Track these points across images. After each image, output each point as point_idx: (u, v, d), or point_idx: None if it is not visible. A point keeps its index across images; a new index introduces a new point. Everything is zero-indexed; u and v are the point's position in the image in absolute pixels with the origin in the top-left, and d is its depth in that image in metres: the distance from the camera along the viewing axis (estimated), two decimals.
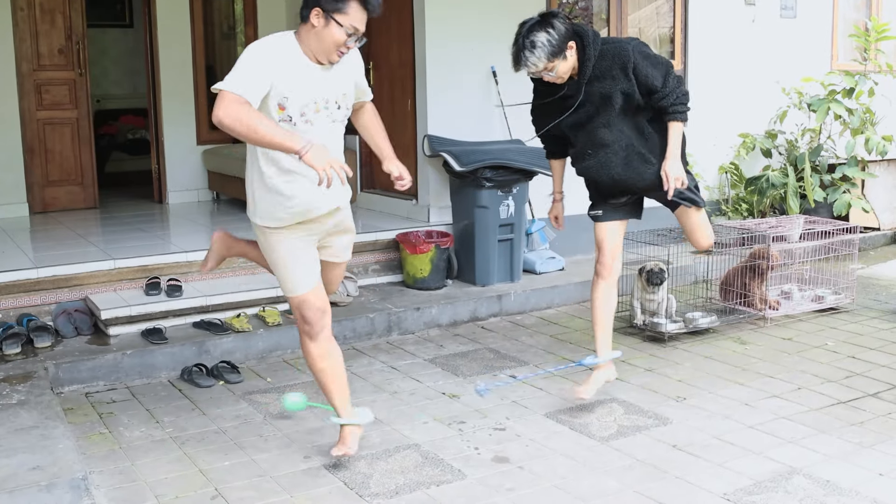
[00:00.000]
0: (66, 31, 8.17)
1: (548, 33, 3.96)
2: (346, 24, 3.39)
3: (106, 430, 4.26)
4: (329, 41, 3.42)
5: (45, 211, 8.14)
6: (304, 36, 3.48)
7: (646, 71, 4.11)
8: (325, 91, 3.53)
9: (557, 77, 4.08)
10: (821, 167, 8.50)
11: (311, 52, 3.48)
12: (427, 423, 4.33)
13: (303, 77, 3.47)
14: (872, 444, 4.00)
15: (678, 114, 4.18)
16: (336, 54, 3.47)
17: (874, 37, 8.70)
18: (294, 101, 3.45)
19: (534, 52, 3.95)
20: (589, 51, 4.08)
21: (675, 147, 4.22)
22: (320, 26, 3.40)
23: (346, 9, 3.38)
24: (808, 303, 6.28)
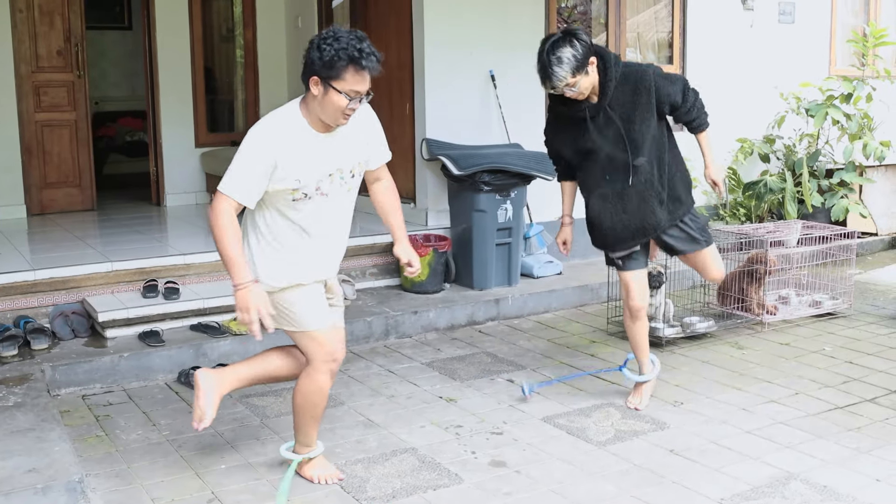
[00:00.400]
0: (64, 33, 8.17)
1: (572, 47, 4.00)
2: (345, 89, 3.32)
3: (102, 433, 4.25)
4: (331, 108, 3.36)
5: (43, 213, 8.13)
6: (309, 104, 3.42)
7: (666, 90, 4.23)
8: (338, 161, 3.51)
9: (579, 93, 4.10)
10: (819, 172, 8.51)
11: (317, 122, 3.43)
12: (424, 426, 4.33)
13: (313, 154, 3.42)
14: (870, 450, 4.00)
15: (703, 124, 4.38)
16: (342, 118, 3.41)
17: (872, 42, 8.71)
18: (308, 180, 3.41)
19: (561, 67, 3.99)
20: (611, 72, 4.14)
21: (714, 153, 4.44)
22: (320, 94, 3.35)
23: (341, 74, 3.30)
24: (805, 308, 6.28)
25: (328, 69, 3.29)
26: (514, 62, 7.16)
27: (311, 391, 3.63)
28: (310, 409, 3.66)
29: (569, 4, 7.99)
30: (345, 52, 3.27)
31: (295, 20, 9.03)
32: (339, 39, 3.29)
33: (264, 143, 3.37)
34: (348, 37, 3.30)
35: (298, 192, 3.42)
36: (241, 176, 3.36)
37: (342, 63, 3.27)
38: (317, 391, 3.63)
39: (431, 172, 6.99)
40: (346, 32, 3.33)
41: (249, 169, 3.35)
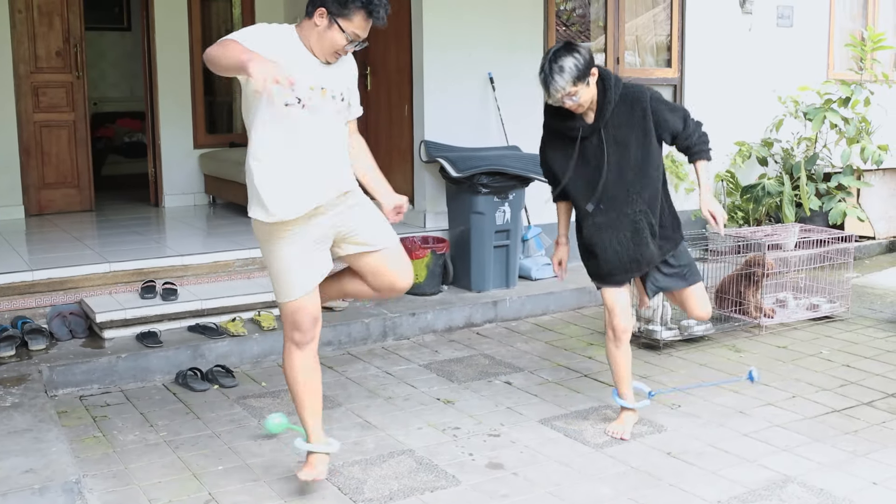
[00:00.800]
0: (63, 34, 8.17)
1: (574, 58, 3.94)
2: (349, 30, 3.37)
3: (100, 434, 4.25)
4: (328, 43, 3.40)
5: (41, 213, 8.13)
6: (305, 30, 3.45)
7: (664, 116, 4.11)
8: (327, 80, 3.47)
9: (578, 106, 4.01)
10: (816, 176, 8.51)
11: (309, 46, 3.45)
12: (422, 428, 4.33)
13: (304, 63, 3.42)
14: (867, 453, 4.00)
15: (703, 152, 4.19)
16: (332, 56, 3.45)
17: (870, 46, 8.72)
18: (299, 83, 3.32)
19: (562, 76, 3.92)
20: (610, 93, 4.06)
21: (710, 183, 4.35)
22: (322, 27, 3.38)
23: (351, 16, 3.35)
24: (803, 311, 6.29)
25: (340, 6, 3.34)
26: (513, 65, 7.17)
27: (284, 364, 3.62)
28: (288, 386, 3.63)
29: (567, 7, 8.00)
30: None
31: (293, 22, 9.02)
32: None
33: (264, 29, 3.43)
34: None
35: (292, 95, 3.33)
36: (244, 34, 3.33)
37: (356, 5, 3.33)
38: (286, 364, 3.60)
39: (430, 174, 6.99)
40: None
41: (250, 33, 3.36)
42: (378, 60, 7.63)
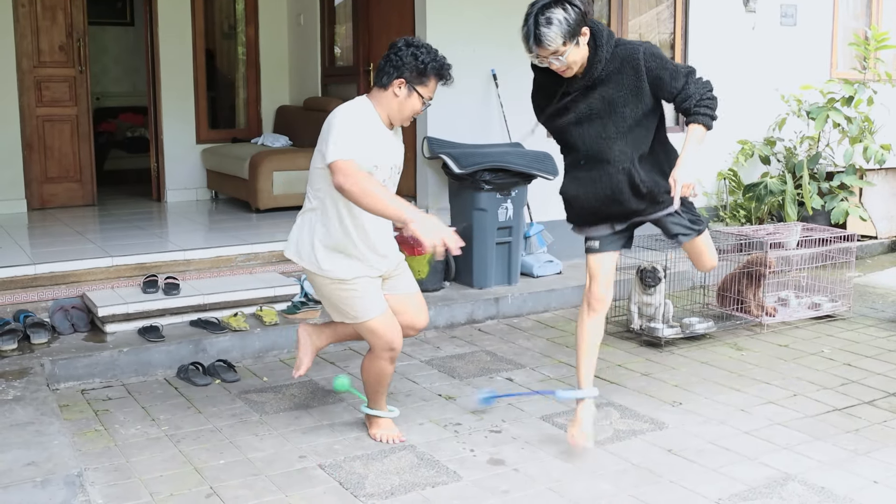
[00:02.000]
0: (66, 28, 8.17)
1: (565, 10, 3.60)
2: (426, 95, 3.74)
3: (101, 427, 4.26)
4: (409, 110, 3.74)
5: (44, 207, 8.14)
6: (381, 102, 3.73)
7: (659, 73, 3.78)
8: (396, 156, 3.84)
9: (565, 66, 3.72)
10: (819, 175, 8.51)
11: (386, 118, 3.73)
12: (423, 424, 4.33)
13: (386, 145, 3.73)
14: (868, 452, 4.00)
15: (699, 115, 3.72)
16: (408, 120, 3.81)
17: (874, 45, 8.71)
18: (382, 167, 3.70)
19: (550, 28, 3.59)
20: (601, 52, 3.75)
21: (691, 153, 3.71)
22: (402, 96, 3.70)
23: (427, 82, 3.72)
24: (804, 310, 6.29)
25: (419, 75, 3.69)
26: (516, 61, 7.10)
27: (373, 371, 4.00)
28: (373, 384, 4.05)
29: None
30: (434, 64, 3.72)
31: (297, 18, 9.03)
32: (429, 50, 3.73)
33: (355, 118, 3.65)
34: (432, 49, 3.77)
35: (375, 177, 3.63)
36: (345, 141, 3.54)
37: (432, 72, 3.72)
38: (379, 372, 3.99)
39: (432, 171, 6.99)
40: (426, 44, 3.78)
41: (348, 134, 3.56)
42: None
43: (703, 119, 3.73)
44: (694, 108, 3.74)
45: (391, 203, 3.47)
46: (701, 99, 3.74)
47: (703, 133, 3.74)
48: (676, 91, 3.77)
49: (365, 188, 3.47)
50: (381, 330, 3.87)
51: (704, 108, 3.73)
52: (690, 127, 3.75)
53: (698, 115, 3.73)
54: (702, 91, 3.75)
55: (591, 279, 4.12)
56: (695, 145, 3.73)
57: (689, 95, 3.75)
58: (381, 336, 3.88)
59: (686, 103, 3.75)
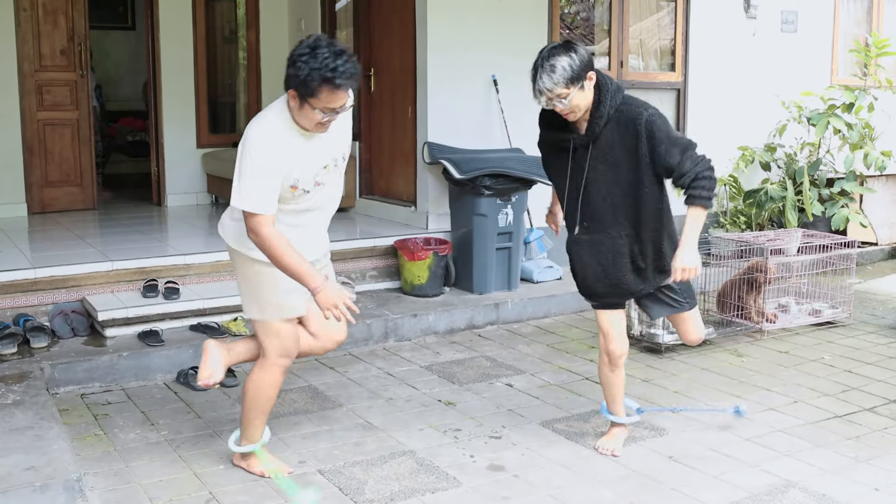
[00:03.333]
0: (68, 33, 8.18)
1: (570, 58, 3.66)
2: (319, 106, 3.35)
3: (101, 432, 4.25)
4: (307, 120, 3.42)
5: (44, 211, 8.13)
6: (291, 108, 3.46)
7: (658, 146, 3.70)
8: (331, 152, 3.59)
9: (570, 110, 3.73)
10: (819, 181, 8.51)
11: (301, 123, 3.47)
12: (423, 429, 4.33)
13: (307, 155, 3.49)
14: (868, 459, 4.00)
15: (696, 197, 3.68)
16: (320, 129, 3.47)
17: (874, 52, 8.71)
18: (305, 177, 3.49)
19: (552, 76, 3.65)
20: (603, 107, 3.74)
21: (693, 234, 3.71)
22: (296, 107, 3.40)
23: (317, 93, 3.31)
24: (805, 316, 6.29)
25: (304, 87, 3.31)
26: (517, 67, 7.14)
27: (259, 383, 3.73)
28: (262, 401, 3.75)
29: (571, 10, 8.01)
30: (318, 73, 3.27)
31: (298, 23, 9.04)
32: (315, 56, 3.28)
33: (268, 156, 3.40)
34: (324, 53, 3.28)
35: (298, 189, 3.50)
36: (260, 191, 3.38)
37: (315, 83, 3.28)
38: (271, 384, 3.74)
39: (433, 176, 6.99)
40: (324, 45, 3.31)
41: (264, 183, 3.39)
42: (382, 62, 7.64)
43: (699, 201, 3.69)
44: (690, 189, 3.69)
45: (298, 269, 3.40)
46: (696, 178, 3.67)
47: (702, 215, 3.72)
48: (672, 165, 3.71)
49: (272, 245, 3.39)
50: (284, 333, 3.69)
51: (700, 189, 3.68)
52: (689, 210, 3.72)
53: (694, 197, 3.69)
54: (698, 169, 3.68)
55: (605, 337, 4.06)
56: (695, 229, 3.72)
57: (685, 173, 3.69)
58: (282, 340, 3.69)
59: (682, 181, 3.71)
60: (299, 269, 3.40)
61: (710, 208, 3.73)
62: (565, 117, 3.81)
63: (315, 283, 3.40)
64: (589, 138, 3.80)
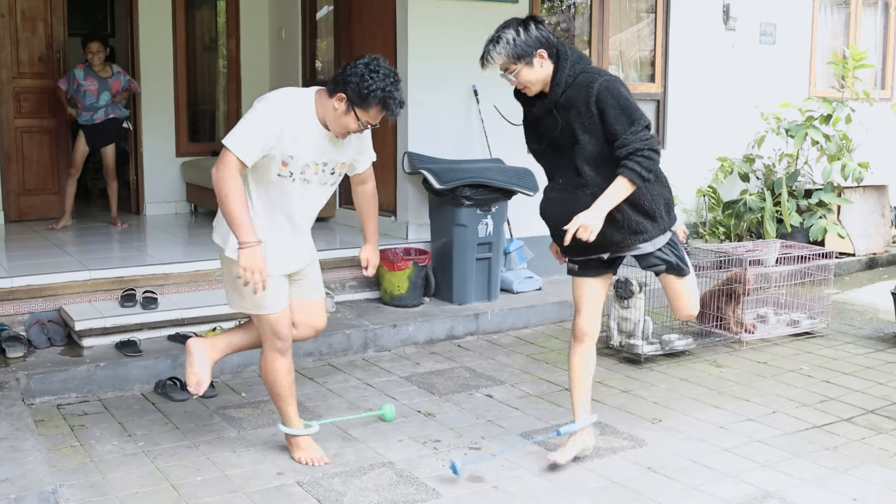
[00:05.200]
0: (46, 40, 8.14)
1: (517, 32, 3.69)
2: (364, 119, 3.64)
3: (77, 443, 4.21)
4: (342, 125, 3.65)
5: (21, 219, 8.07)
6: (323, 104, 3.67)
7: (607, 112, 3.66)
8: (328, 155, 3.77)
9: (521, 85, 3.79)
10: (797, 192, 8.57)
11: (322, 120, 3.68)
12: (402, 441, 4.31)
13: (311, 141, 3.67)
14: (847, 469, 4.01)
15: (627, 169, 3.61)
16: (343, 135, 3.72)
17: (852, 64, 8.80)
18: (298, 161, 3.67)
19: (495, 47, 3.71)
20: (562, 74, 3.72)
21: (607, 201, 3.64)
22: (340, 111, 3.62)
23: (369, 108, 3.60)
24: (783, 327, 6.32)
25: (360, 99, 3.57)
26: (497, 78, 7.10)
27: (266, 370, 3.96)
28: (269, 386, 3.99)
29: (552, 21, 8.03)
30: (382, 93, 3.57)
31: (279, 32, 9.02)
32: (382, 77, 3.58)
33: (278, 109, 3.62)
34: (388, 78, 3.60)
35: (286, 168, 3.65)
36: (249, 135, 3.57)
37: (374, 100, 3.58)
38: (270, 370, 3.94)
39: (413, 186, 6.99)
40: (388, 70, 3.62)
41: (258, 129, 3.58)
42: None
43: (630, 174, 3.62)
44: (624, 160, 3.63)
45: (238, 217, 3.54)
46: (636, 151, 3.61)
47: (626, 187, 3.65)
48: (615, 133, 3.66)
49: (227, 187, 3.52)
50: (275, 320, 3.85)
51: (635, 164, 3.61)
52: (617, 178, 3.64)
53: (626, 168, 3.62)
54: (639, 146, 3.61)
55: (576, 312, 4.04)
56: (612, 197, 3.65)
57: (626, 144, 3.63)
58: (274, 326, 3.86)
59: (620, 151, 3.64)
60: (240, 219, 3.54)
61: (636, 185, 3.65)
62: (522, 91, 3.87)
63: (246, 239, 3.54)
64: (549, 105, 3.79)
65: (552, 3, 8.02)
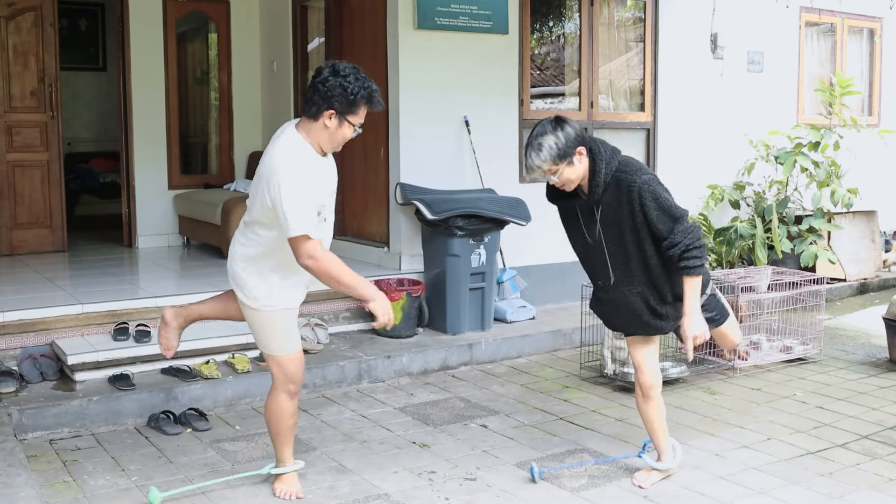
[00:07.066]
0: (38, 74, 8.17)
1: (556, 136, 3.82)
2: (356, 123, 3.69)
3: (70, 478, 4.19)
4: (339, 138, 3.70)
5: (13, 254, 8.06)
6: (312, 132, 3.68)
7: (650, 214, 3.85)
8: (333, 179, 3.83)
9: (563, 183, 3.90)
10: (788, 219, 8.62)
11: (318, 146, 3.70)
12: (397, 472, 4.30)
13: (324, 177, 3.72)
14: (841, 495, 4.01)
15: (686, 269, 3.88)
16: (339, 146, 3.76)
17: (839, 91, 8.88)
18: (325, 202, 3.73)
19: (539, 154, 3.82)
20: (599, 177, 3.88)
21: (694, 302, 3.94)
22: (333, 127, 3.65)
23: (357, 111, 3.66)
24: (776, 353, 6.33)
25: (349, 105, 3.61)
26: (489, 108, 7.22)
27: (272, 409, 3.95)
28: (271, 425, 3.98)
29: (542, 52, 8.10)
30: (365, 91, 3.63)
31: (270, 64, 9.08)
32: (356, 78, 3.62)
33: (304, 171, 3.59)
34: (359, 74, 3.65)
35: (321, 215, 3.69)
36: (305, 214, 3.56)
37: (361, 101, 3.64)
38: (277, 409, 3.93)
39: (405, 217, 7.00)
40: (353, 69, 3.65)
41: (306, 205, 3.57)
42: None
43: (689, 271, 3.88)
44: (682, 261, 3.86)
45: (356, 282, 3.65)
46: (687, 250, 3.84)
47: (698, 282, 3.93)
48: (662, 235, 3.87)
49: (332, 272, 3.60)
50: (287, 361, 3.89)
51: (692, 260, 3.85)
52: (685, 280, 3.92)
53: (685, 268, 3.87)
54: (688, 241, 3.84)
55: (637, 369, 4.22)
56: (695, 297, 3.93)
57: (675, 244, 3.85)
58: (286, 367, 3.89)
59: (671, 251, 3.86)
60: (357, 282, 3.65)
61: (700, 276, 3.91)
62: (561, 188, 3.97)
63: (371, 293, 3.65)
64: (591, 203, 3.95)
65: (542, 34, 8.09)
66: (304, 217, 3.53)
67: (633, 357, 4.24)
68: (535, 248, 7.32)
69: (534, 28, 7.82)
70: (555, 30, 8.20)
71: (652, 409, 4.20)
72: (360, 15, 7.59)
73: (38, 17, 8.13)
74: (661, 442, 4.23)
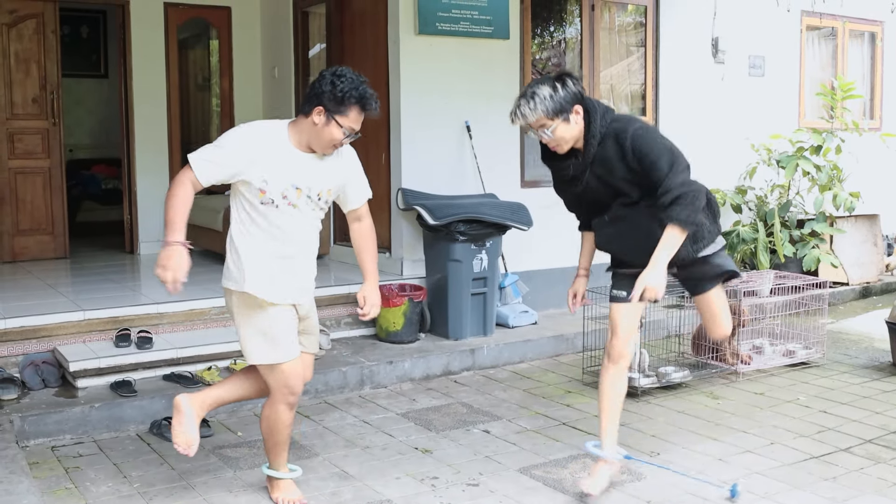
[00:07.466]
0: (40, 81, 8.18)
1: (553, 88, 3.68)
2: (346, 125, 3.63)
3: (72, 485, 4.18)
4: (326, 138, 3.65)
5: (15, 260, 8.06)
6: (300, 127, 3.69)
7: (642, 157, 3.70)
8: (309, 178, 3.73)
9: (555, 142, 3.77)
10: (790, 223, 8.61)
11: (303, 143, 3.69)
12: (400, 478, 4.29)
13: (286, 163, 3.66)
14: (845, 500, 4.00)
15: (672, 218, 3.65)
16: (330, 149, 3.71)
17: (840, 95, 8.88)
18: (273, 186, 3.64)
19: (529, 103, 3.68)
20: (594, 128, 3.74)
21: (663, 254, 3.70)
22: (321, 124, 3.62)
23: (347, 112, 3.61)
24: (779, 357, 6.32)
25: (337, 104, 3.58)
26: (490, 113, 7.22)
27: (270, 419, 3.87)
28: (270, 434, 3.90)
29: (543, 56, 8.10)
30: (356, 92, 3.59)
31: (272, 70, 9.08)
32: (351, 80, 3.61)
33: (246, 136, 3.65)
34: (357, 79, 3.63)
35: (266, 195, 3.63)
36: (211, 154, 3.63)
37: (351, 102, 3.59)
38: (275, 420, 3.86)
39: (407, 222, 7.00)
40: (353, 74, 3.65)
41: (221, 151, 3.64)
42: None
43: (675, 222, 3.66)
44: (668, 208, 3.66)
45: (172, 217, 3.58)
46: (678, 198, 3.64)
47: (678, 236, 3.69)
48: (656, 180, 3.70)
49: (173, 193, 3.61)
50: (285, 370, 3.78)
51: (679, 210, 3.65)
52: (666, 229, 3.69)
53: (671, 218, 3.66)
54: (683, 190, 3.65)
55: (612, 333, 4.07)
56: (667, 248, 3.71)
57: (668, 189, 3.66)
58: (284, 377, 3.78)
59: (663, 198, 3.67)
60: (173, 220, 3.57)
61: (688, 231, 3.71)
62: (553, 150, 3.84)
63: (172, 238, 3.55)
64: (585, 160, 3.82)
65: (543, 39, 8.09)
66: (205, 154, 3.62)
67: (612, 316, 4.05)
68: (537, 253, 7.31)
69: (535, 33, 7.82)
70: (556, 35, 8.20)
71: (610, 384, 4.04)
72: (361, 20, 7.59)
73: (39, 24, 8.15)
74: (609, 425, 4.07)
